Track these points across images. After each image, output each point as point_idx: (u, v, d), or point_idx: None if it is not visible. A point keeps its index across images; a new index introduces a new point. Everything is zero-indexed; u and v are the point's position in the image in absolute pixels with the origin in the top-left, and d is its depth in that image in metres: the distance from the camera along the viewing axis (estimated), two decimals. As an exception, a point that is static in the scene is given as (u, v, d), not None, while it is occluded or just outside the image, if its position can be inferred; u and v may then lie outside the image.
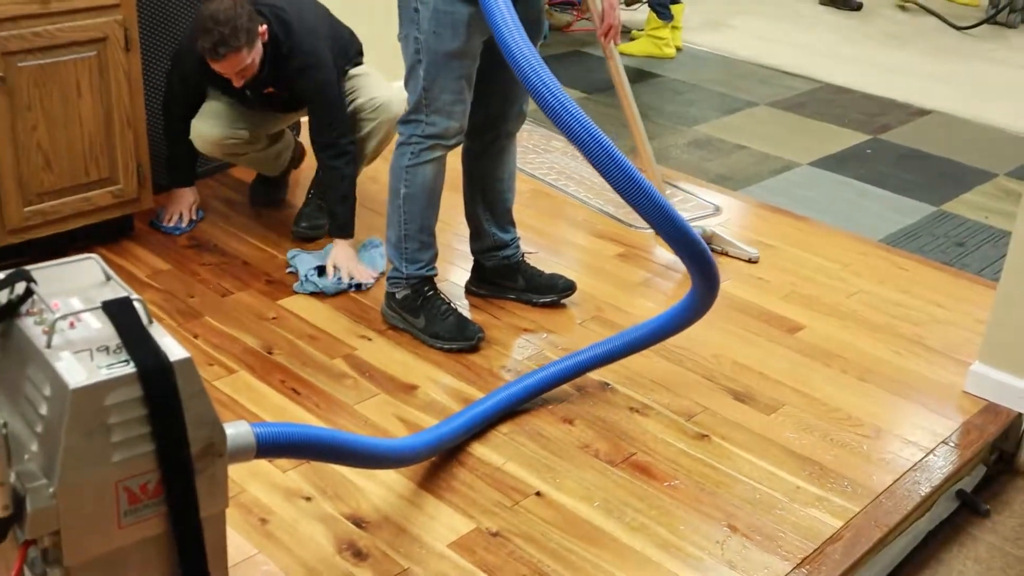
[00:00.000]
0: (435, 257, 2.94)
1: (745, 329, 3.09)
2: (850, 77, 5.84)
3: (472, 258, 3.18)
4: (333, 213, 3.29)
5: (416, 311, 2.90)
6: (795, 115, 5.27)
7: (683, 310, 2.60)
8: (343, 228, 3.26)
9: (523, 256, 3.18)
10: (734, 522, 2.31)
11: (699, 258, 2.38)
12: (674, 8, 5.98)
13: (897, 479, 2.47)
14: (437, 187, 2.84)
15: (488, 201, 3.08)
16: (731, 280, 3.35)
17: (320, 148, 3.26)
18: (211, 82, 3.24)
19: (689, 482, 2.43)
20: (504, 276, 3.14)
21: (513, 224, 3.15)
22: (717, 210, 3.91)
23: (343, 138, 3.25)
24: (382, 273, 3.22)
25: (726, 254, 3.49)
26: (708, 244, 3.42)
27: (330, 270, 3.19)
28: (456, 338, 2.87)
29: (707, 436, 2.59)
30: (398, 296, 2.92)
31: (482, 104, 2.83)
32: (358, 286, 3.17)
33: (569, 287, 3.14)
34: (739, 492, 2.40)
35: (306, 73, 3.18)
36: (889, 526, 2.32)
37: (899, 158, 4.74)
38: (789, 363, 2.94)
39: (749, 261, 3.47)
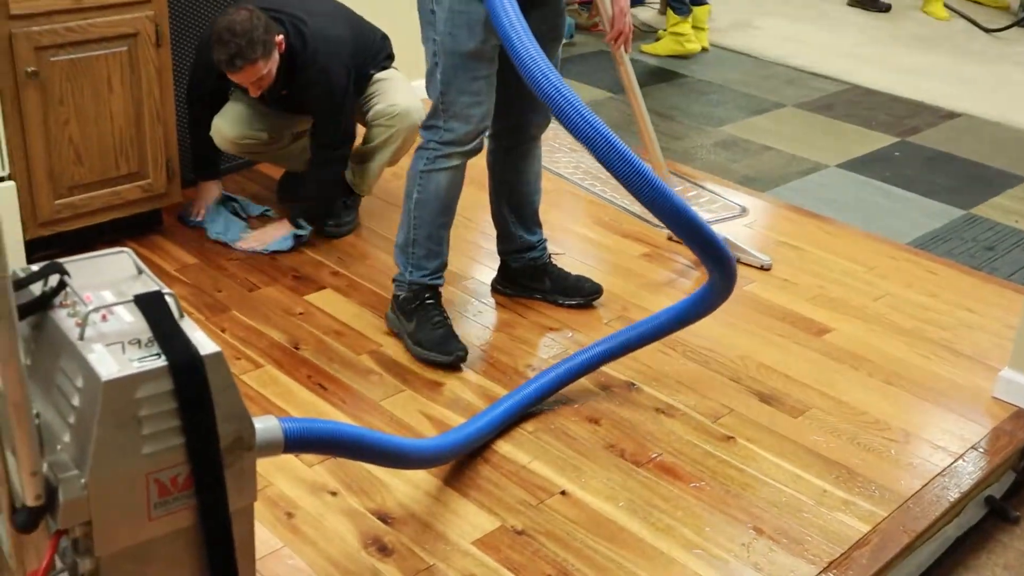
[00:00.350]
0: (443, 267, 2.86)
1: (771, 331, 3.07)
2: (878, 79, 5.81)
3: (499, 257, 3.18)
4: (297, 204, 3.45)
5: (410, 314, 2.83)
6: (822, 116, 5.25)
7: (702, 298, 2.58)
8: (297, 214, 3.40)
9: (550, 257, 3.17)
10: (760, 524, 2.29)
11: (708, 244, 2.39)
12: (699, 9, 5.95)
13: (925, 484, 2.45)
14: (451, 195, 2.78)
15: (514, 203, 3.07)
16: (757, 282, 3.34)
17: (314, 150, 3.39)
18: (230, 80, 3.26)
19: (715, 484, 2.42)
20: (531, 277, 3.13)
21: (540, 225, 3.13)
22: (743, 211, 3.89)
23: (336, 150, 3.35)
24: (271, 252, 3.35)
25: (738, 261, 3.42)
26: None
27: (254, 237, 3.38)
28: (436, 349, 2.78)
29: (733, 438, 2.58)
30: (400, 298, 2.88)
31: (505, 107, 2.81)
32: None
33: (596, 291, 3.13)
34: (765, 495, 2.39)
35: (316, 84, 3.23)
36: (917, 532, 2.30)
37: (927, 161, 4.71)
38: (815, 366, 2.92)
39: (761, 268, 3.41)
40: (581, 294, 3.12)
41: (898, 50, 6.44)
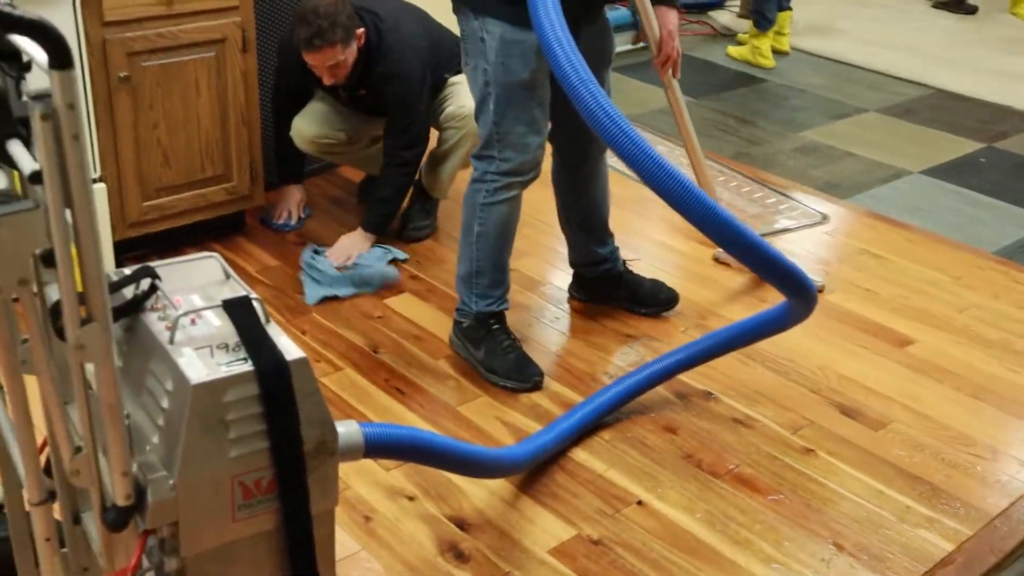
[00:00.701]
0: (507, 290, 2.82)
1: (852, 342, 3.02)
2: (964, 83, 5.68)
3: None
4: (371, 207, 3.41)
5: (478, 342, 2.78)
6: (906, 122, 5.14)
7: (780, 315, 2.53)
8: (372, 224, 3.37)
9: (624, 264, 3.14)
10: (840, 540, 2.26)
11: (787, 276, 2.29)
12: (781, 15, 5.88)
13: (1013, 503, 2.39)
14: (512, 224, 2.73)
15: (582, 218, 3.00)
16: (838, 291, 3.28)
17: (388, 150, 3.37)
18: (310, 77, 3.30)
19: (794, 497, 2.38)
20: (606, 286, 3.11)
21: (610, 235, 3.07)
22: (824, 218, 3.83)
23: (410, 150, 3.34)
24: (371, 289, 3.19)
25: None
26: None
27: (335, 250, 3.29)
28: (512, 376, 2.74)
29: (813, 451, 2.54)
30: (464, 325, 2.82)
31: (563, 129, 2.75)
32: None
33: (671, 299, 3.10)
34: (846, 510, 2.35)
35: (392, 82, 3.25)
36: (1004, 552, 2.24)
37: (1015, 168, 4.59)
38: (898, 378, 2.86)
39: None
40: (657, 303, 3.09)
41: (985, 53, 6.29)
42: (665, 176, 2.05)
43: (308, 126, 3.41)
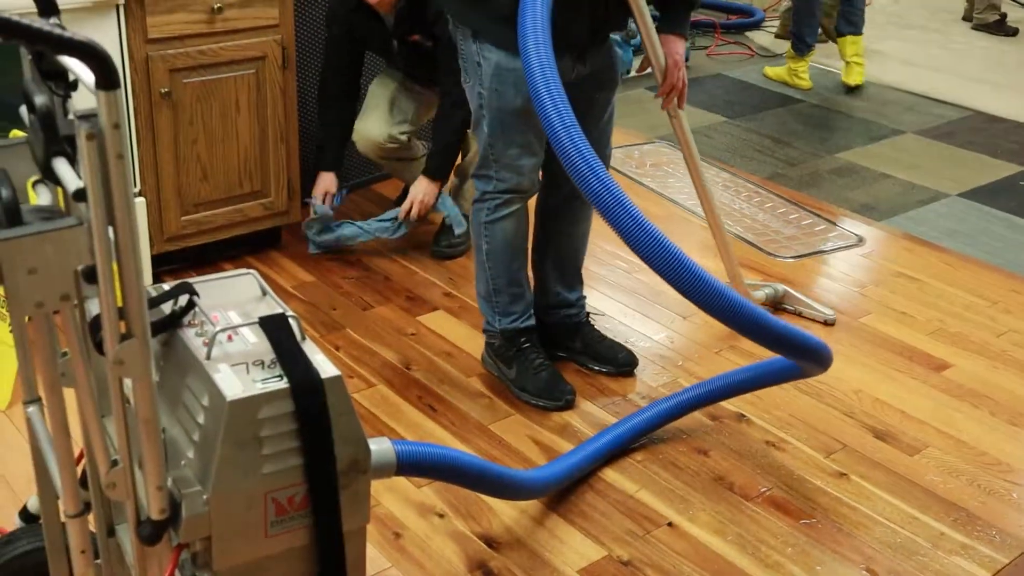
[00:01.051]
0: (529, 306, 2.78)
1: (888, 365, 3.00)
2: (1003, 105, 5.63)
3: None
4: (432, 154, 3.42)
5: (509, 361, 2.77)
6: (943, 144, 5.10)
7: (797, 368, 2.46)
8: (436, 170, 3.39)
9: (587, 316, 2.99)
10: (873, 566, 2.24)
11: (791, 345, 2.19)
12: (846, 40, 5.70)
13: (1050, 531, 2.37)
14: (519, 238, 2.70)
15: (558, 257, 2.88)
16: (874, 314, 3.26)
17: (443, 93, 3.36)
18: (359, 32, 3.31)
19: (826, 521, 2.36)
20: (562, 334, 2.94)
21: (581, 283, 2.94)
22: (860, 241, 3.81)
23: (462, 94, 3.28)
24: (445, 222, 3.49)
25: (800, 315, 3.24)
26: (780, 304, 3.25)
27: (409, 202, 3.37)
28: (543, 395, 2.73)
29: (846, 475, 2.53)
30: (495, 345, 2.81)
31: (556, 161, 2.70)
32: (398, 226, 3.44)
33: (629, 363, 2.90)
34: (879, 535, 2.33)
35: (443, 16, 3.22)
36: (1040, 581, 2.22)
37: (1056, 192, 4.54)
38: (934, 403, 2.84)
39: (825, 323, 3.19)
40: (614, 363, 2.90)
41: (1026, 76, 6.23)
42: (641, 232, 1.98)
43: (372, 126, 3.43)
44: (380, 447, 1.70)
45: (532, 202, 2.81)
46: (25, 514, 1.96)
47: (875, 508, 2.41)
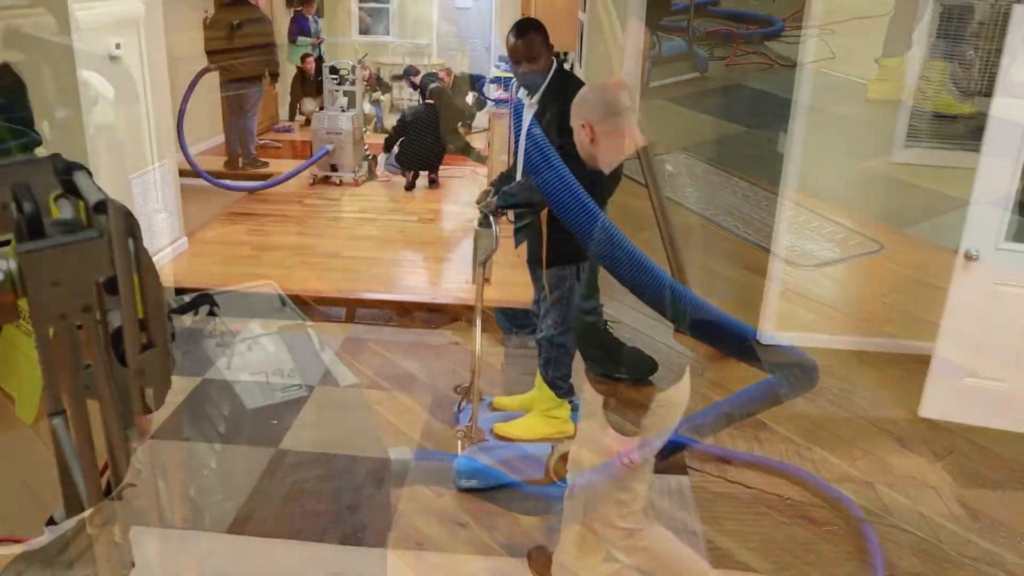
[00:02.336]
0: None
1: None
2: None
3: None
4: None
5: None
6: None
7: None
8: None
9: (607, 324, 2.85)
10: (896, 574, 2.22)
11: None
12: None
13: (1076, 537, 2.34)
14: None
15: None
16: (898, 322, 3.24)
17: None
18: None
19: (848, 528, 2.35)
20: None
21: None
22: (880, 248, 3.79)
23: None
24: None
25: None
26: None
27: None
28: None
29: (870, 483, 2.51)
30: None
31: None
32: None
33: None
34: (905, 542, 2.32)
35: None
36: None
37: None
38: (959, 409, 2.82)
39: None
40: None
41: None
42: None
43: None
44: (399, 455, 1.71)
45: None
46: (52, 523, 1.98)
47: (902, 517, 2.40)
